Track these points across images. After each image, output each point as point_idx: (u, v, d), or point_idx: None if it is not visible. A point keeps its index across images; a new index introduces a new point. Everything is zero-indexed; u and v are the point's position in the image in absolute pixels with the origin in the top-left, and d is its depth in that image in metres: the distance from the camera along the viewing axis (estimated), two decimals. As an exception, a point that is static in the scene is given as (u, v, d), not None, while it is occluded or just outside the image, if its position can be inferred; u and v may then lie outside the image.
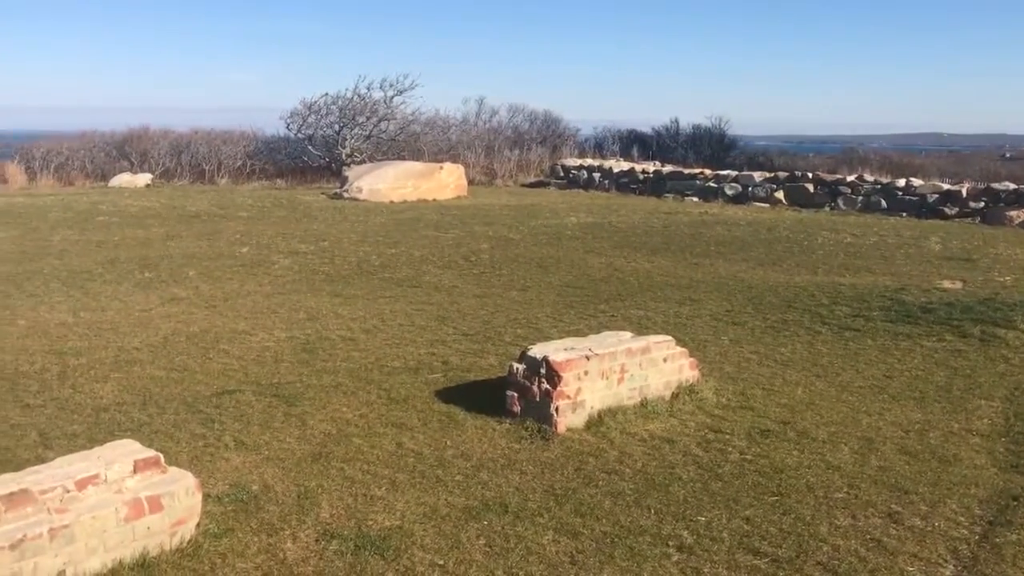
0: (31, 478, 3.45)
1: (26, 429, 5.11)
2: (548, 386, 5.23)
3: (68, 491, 3.44)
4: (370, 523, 4.01)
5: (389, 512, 4.14)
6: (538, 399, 5.28)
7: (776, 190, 19.54)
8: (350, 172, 22.01)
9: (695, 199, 20.38)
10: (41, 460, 4.55)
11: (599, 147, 31.19)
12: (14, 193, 23.99)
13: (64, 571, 3.31)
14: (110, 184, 27.06)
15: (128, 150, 31.52)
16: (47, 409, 5.46)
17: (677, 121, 31.75)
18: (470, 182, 22.91)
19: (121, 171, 29.16)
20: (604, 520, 4.12)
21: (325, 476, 4.53)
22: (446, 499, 4.30)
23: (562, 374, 5.19)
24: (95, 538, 3.40)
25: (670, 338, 6.03)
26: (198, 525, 3.77)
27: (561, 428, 5.21)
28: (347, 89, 28.76)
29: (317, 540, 3.83)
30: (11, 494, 3.32)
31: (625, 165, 24.12)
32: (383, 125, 28.65)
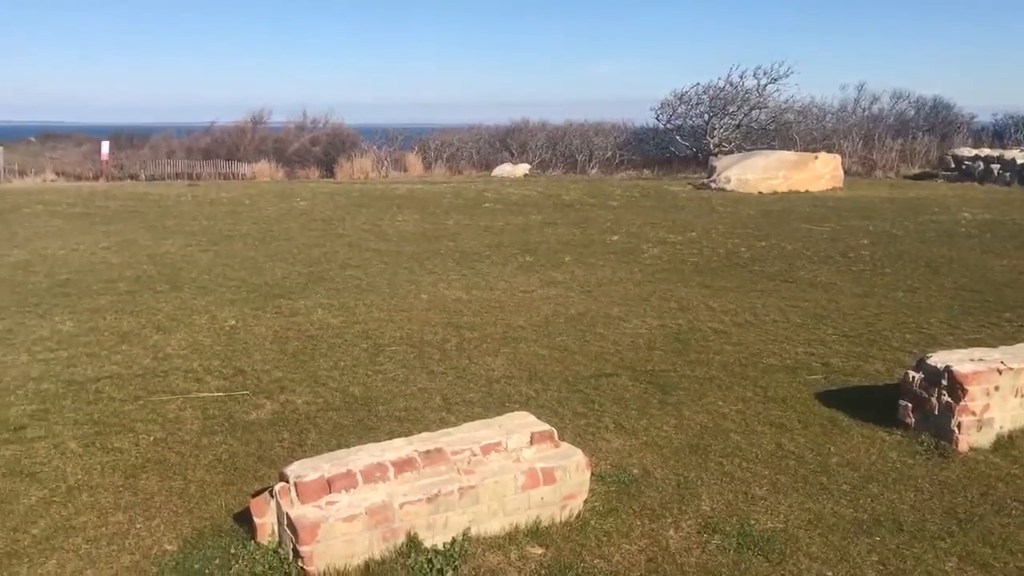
0: (444, 439, 3.81)
1: (431, 394, 5.66)
2: (949, 399, 4.75)
3: (475, 455, 3.74)
4: (752, 522, 3.91)
5: (771, 514, 4.00)
6: (936, 412, 4.81)
7: None
8: (718, 162, 21.74)
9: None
10: (444, 422, 5.04)
11: (998, 136, 27.90)
12: (414, 180, 26.80)
13: (469, 528, 3.61)
14: (493, 173, 29.26)
15: (509, 142, 33.82)
16: (448, 376, 6.02)
17: (1102, 104, 27.42)
18: (846, 173, 21.60)
19: (502, 162, 31.39)
20: (1021, 555, 3.65)
21: (703, 468, 4.50)
22: (832, 508, 4.07)
23: (968, 387, 4.68)
24: (496, 501, 3.66)
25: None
26: (585, 502, 3.92)
27: (963, 446, 4.71)
28: (719, 78, 28.48)
29: (699, 532, 3.81)
30: (428, 452, 3.68)
31: (1031, 155, 21.30)
32: (754, 114, 27.96)
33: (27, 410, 5.17)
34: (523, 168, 29.18)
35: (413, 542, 3.47)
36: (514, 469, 3.74)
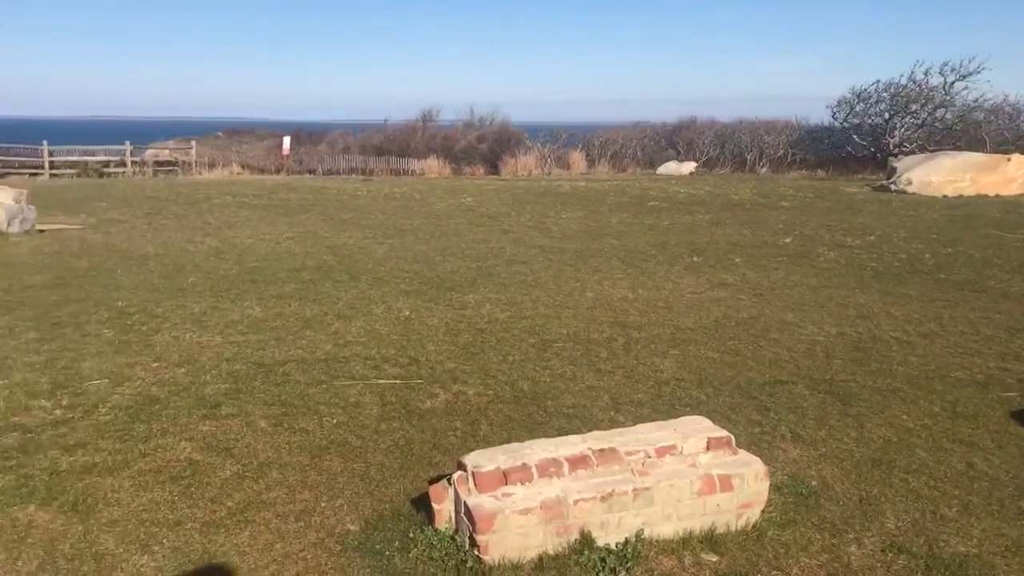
0: (618, 439, 3.79)
1: (599, 392, 5.65)
2: None
3: (649, 456, 3.71)
4: (941, 544, 3.68)
5: (963, 537, 3.76)
6: None
7: None
8: (898, 163, 20.63)
9: None
10: (613, 422, 5.02)
11: None
12: (577, 178, 26.87)
13: (642, 530, 3.58)
14: (657, 171, 28.93)
15: (675, 139, 33.34)
16: (615, 376, 5.99)
17: None
18: (1044, 176, 19.99)
19: (667, 159, 30.98)
20: None
21: (887, 484, 4.27)
22: (1034, 537, 3.78)
23: None
24: (670, 505, 3.61)
25: None
26: (762, 511, 3.81)
27: None
28: (901, 75, 27.04)
29: (883, 551, 3.62)
30: (602, 450, 3.68)
31: None
32: (939, 113, 26.36)
33: (221, 389, 5.53)
34: (689, 166, 28.70)
35: (586, 540, 3.48)
36: (690, 474, 3.68)
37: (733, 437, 3.90)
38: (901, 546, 3.66)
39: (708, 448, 3.81)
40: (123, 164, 30.67)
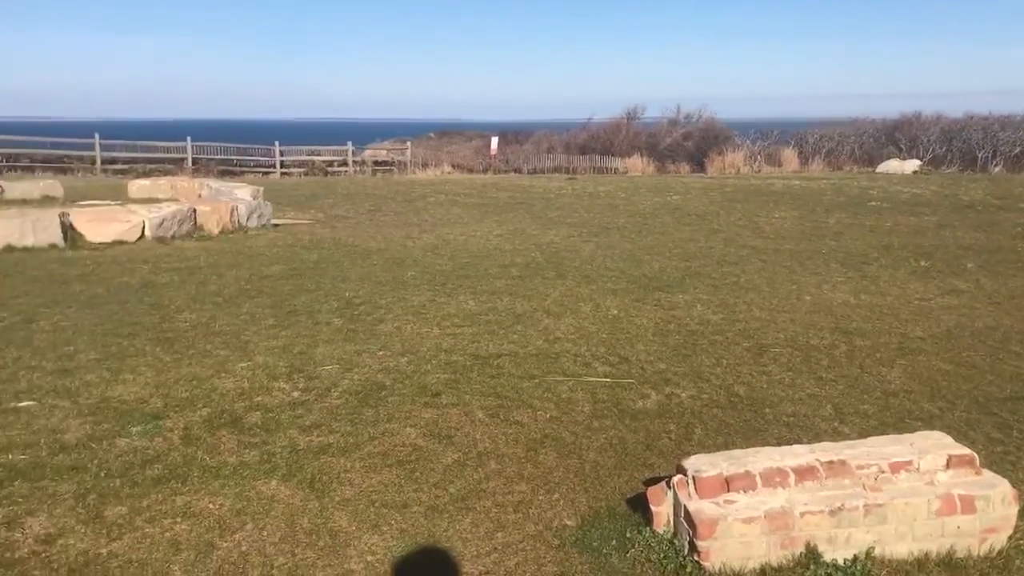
0: (848, 451, 3.61)
1: (821, 401, 5.41)
2: None
3: (882, 471, 3.51)
4: None
5: None
6: None
7: None
8: None
9: None
10: (837, 433, 4.80)
11: None
12: (789, 176, 25.86)
13: (873, 548, 3.39)
14: (877, 170, 27.35)
15: (897, 136, 31.42)
16: (838, 384, 5.71)
17: None
18: None
19: (888, 157, 29.24)
20: None
21: None
22: None
23: None
24: (904, 524, 3.40)
25: None
26: (1010, 538, 3.51)
27: None
28: None
29: None
30: (831, 463, 3.52)
31: None
32: None
33: (441, 378, 5.76)
34: (913, 164, 26.91)
35: (812, 554, 3.34)
36: (927, 492, 3.44)
37: (977, 456, 3.62)
38: None
39: (948, 466, 3.56)
40: (345, 163, 32.65)
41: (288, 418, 5.02)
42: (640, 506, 3.79)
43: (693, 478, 3.46)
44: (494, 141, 35.72)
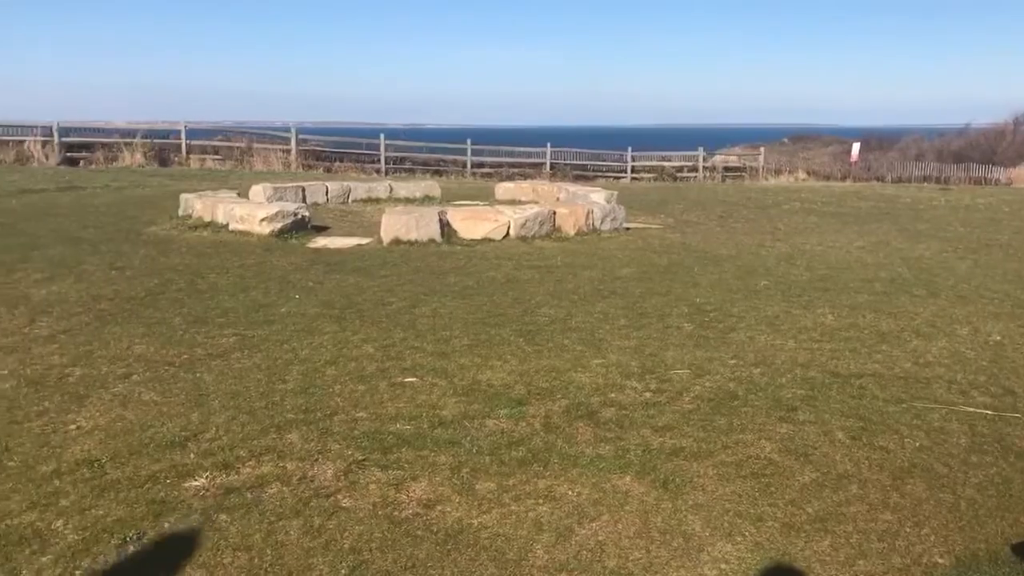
0: None
1: None
2: None
3: None
4: None
5: None
6: None
7: None
8: None
9: None
10: None
11: None
12: None
13: None
14: None
15: None
16: None
17: None
18: None
19: None
20: None
21: None
22: None
23: None
24: None
25: None
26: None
27: None
28: None
29: None
30: None
31: None
32: None
33: (797, 394, 5.55)
34: None
35: None
36: None
37: None
38: None
39: None
40: (695, 169, 32.60)
41: (641, 417, 5.12)
42: (1030, 556, 3.39)
43: (1104, 533, 3.02)
44: (855, 147, 33.70)
